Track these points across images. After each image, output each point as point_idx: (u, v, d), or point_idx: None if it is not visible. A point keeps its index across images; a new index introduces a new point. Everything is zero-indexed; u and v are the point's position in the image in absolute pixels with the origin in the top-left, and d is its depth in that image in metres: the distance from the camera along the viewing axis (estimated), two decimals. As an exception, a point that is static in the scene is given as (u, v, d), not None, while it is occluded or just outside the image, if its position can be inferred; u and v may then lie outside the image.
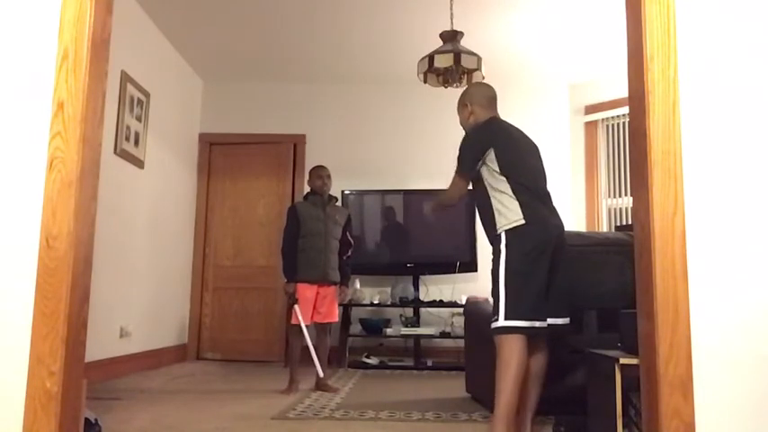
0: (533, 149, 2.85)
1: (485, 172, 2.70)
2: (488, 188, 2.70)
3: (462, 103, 2.95)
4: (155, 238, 5.29)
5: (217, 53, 5.81)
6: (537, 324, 2.53)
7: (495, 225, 2.65)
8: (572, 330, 2.72)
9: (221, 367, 5.52)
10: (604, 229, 6.11)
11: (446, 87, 4.34)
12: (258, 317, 6.12)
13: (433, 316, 5.84)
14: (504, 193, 2.65)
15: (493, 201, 2.68)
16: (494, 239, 2.66)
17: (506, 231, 2.59)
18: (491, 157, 2.68)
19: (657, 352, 1.69)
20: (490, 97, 2.93)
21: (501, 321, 2.53)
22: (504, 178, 2.65)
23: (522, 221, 2.58)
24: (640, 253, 1.82)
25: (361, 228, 5.95)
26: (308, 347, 4.09)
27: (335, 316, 4.26)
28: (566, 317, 2.67)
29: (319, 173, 4.34)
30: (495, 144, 2.70)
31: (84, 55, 1.84)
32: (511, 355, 2.46)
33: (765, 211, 1.76)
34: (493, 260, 2.63)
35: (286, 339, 5.41)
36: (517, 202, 2.61)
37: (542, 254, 2.56)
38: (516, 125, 2.88)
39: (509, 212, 2.61)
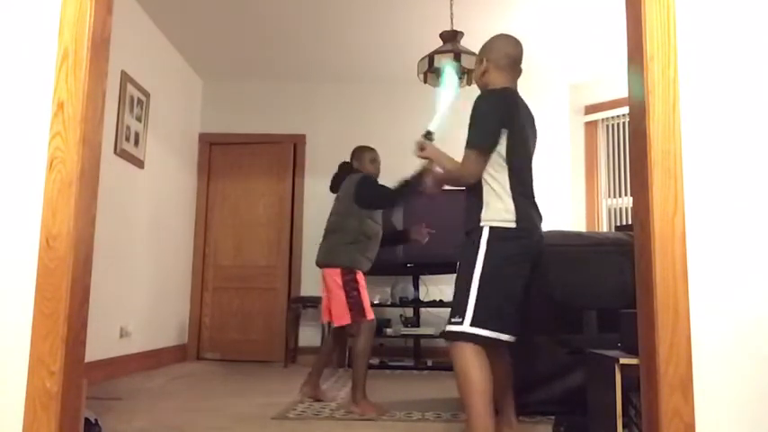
0: (534, 136, 2.55)
1: None
2: (485, 173, 2.35)
3: (479, 58, 2.56)
4: (155, 238, 5.30)
5: (217, 53, 5.81)
6: (503, 337, 2.26)
7: (477, 216, 2.34)
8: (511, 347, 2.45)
9: (221, 367, 5.52)
10: (604, 229, 6.12)
11: (446, 87, 4.33)
12: (258, 317, 6.12)
13: (433, 316, 5.84)
14: (500, 184, 2.33)
15: (485, 189, 2.35)
16: (472, 231, 2.35)
17: (491, 228, 2.29)
18: (502, 138, 2.33)
19: (657, 352, 1.69)
20: (513, 58, 2.50)
21: (464, 326, 2.23)
22: (507, 168, 2.33)
23: (513, 224, 2.29)
24: (640, 253, 1.82)
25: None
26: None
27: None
28: (515, 334, 2.34)
29: (375, 156, 3.85)
30: (510, 125, 2.35)
31: (84, 55, 1.84)
32: (469, 368, 2.20)
33: (765, 211, 1.76)
34: (464, 255, 2.33)
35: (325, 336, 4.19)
36: (512, 200, 2.31)
37: (525, 262, 2.32)
38: None
39: (499, 208, 2.31)
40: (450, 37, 4.26)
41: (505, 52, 2.51)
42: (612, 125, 6.19)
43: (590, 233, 3.77)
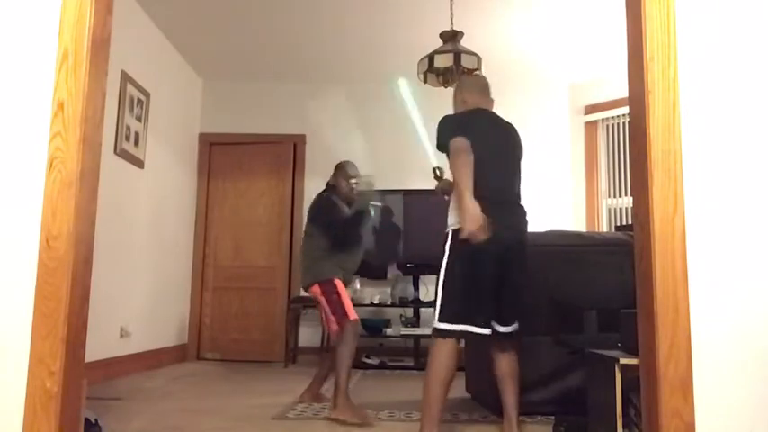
0: (506, 146, 2.74)
1: None
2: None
3: (454, 94, 2.94)
4: (155, 238, 5.29)
5: (217, 53, 5.81)
6: (475, 329, 2.48)
7: (444, 223, 2.64)
8: (518, 337, 2.67)
9: (221, 367, 5.52)
10: (604, 229, 6.12)
11: (446, 87, 4.34)
12: (258, 317, 6.12)
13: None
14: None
15: (452, 198, 2.65)
16: (444, 237, 2.62)
17: (452, 231, 2.54)
18: None
19: (657, 352, 1.69)
20: (482, 85, 2.90)
21: (434, 323, 2.52)
22: None
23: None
24: (640, 253, 1.82)
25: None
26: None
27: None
28: (511, 324, 2.61)
29: (354, 174, 3.74)
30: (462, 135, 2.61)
31: (84, 55, 1.84)
32: (435, 358, 2.48)
33: (765, 210, 1.76)
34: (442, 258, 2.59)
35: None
36: None
37: (485, 259, 2.48)
38: (517, 125, 2.83)
39: (455, 213, 2.54)
40: (450, 37, 4.26)
41: (474, 83, 2.92)
42: (612, 125, 6.19)
43: (590, 233, 3.77)
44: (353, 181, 3.73)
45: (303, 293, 6.13)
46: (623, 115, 5.93)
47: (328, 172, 4.21)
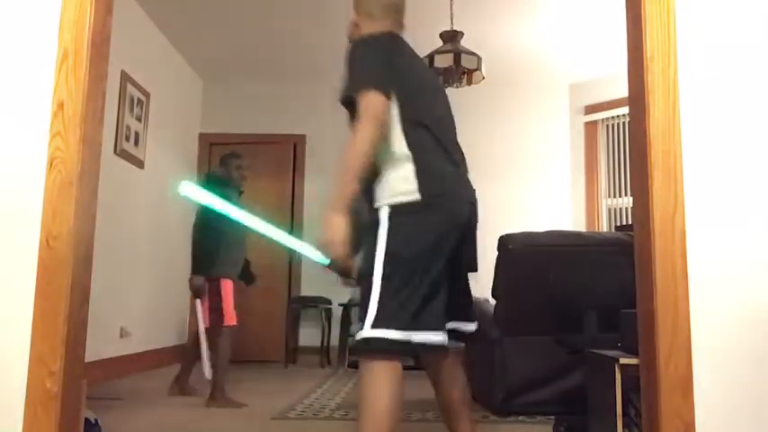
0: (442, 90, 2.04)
1: None
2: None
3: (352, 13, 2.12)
4: (155, 237, 5.30)
5: (217, 53, 5.81)
6: (418, 337, 1.78)
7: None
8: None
9: (221, 367, 5.51)
10: (604, 229, 6.12)
11: (446, 87, 4.34)
12: (258, 317, 6.11)
13: (433, 316, 5.83)
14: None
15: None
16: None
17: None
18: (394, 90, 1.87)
19: (657, 352, 1.69)
20: (386, 4, 2.09)
21: (365, 330, 1.73)
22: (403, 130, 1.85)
23: (418, 197, 1.83)
24: (640, 253, 1.81)
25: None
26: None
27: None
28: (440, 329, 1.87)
29: (240, 163, 3.85)
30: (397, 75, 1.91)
31: (84, 55, 1.84)
32: (372, 386, 1.72)
33: (765, 210, 1.76)
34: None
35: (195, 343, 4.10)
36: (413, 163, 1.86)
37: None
38: (517, 125, 2.64)
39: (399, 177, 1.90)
40: (450, 37, 4.26)
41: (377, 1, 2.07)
42: (612, 125, 6.19)
43: (590, 233, 3.77)
44: (243, 167, 3.91)
45: (303, 293, 6.16)
46: (623, 115, 5.93)
47: (329, 172, 4.21)
